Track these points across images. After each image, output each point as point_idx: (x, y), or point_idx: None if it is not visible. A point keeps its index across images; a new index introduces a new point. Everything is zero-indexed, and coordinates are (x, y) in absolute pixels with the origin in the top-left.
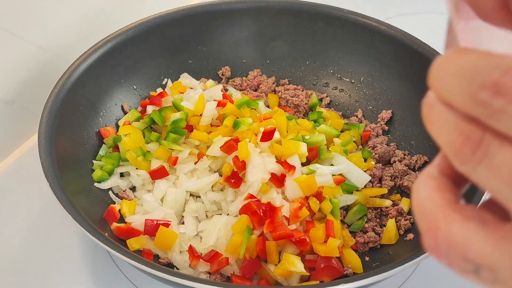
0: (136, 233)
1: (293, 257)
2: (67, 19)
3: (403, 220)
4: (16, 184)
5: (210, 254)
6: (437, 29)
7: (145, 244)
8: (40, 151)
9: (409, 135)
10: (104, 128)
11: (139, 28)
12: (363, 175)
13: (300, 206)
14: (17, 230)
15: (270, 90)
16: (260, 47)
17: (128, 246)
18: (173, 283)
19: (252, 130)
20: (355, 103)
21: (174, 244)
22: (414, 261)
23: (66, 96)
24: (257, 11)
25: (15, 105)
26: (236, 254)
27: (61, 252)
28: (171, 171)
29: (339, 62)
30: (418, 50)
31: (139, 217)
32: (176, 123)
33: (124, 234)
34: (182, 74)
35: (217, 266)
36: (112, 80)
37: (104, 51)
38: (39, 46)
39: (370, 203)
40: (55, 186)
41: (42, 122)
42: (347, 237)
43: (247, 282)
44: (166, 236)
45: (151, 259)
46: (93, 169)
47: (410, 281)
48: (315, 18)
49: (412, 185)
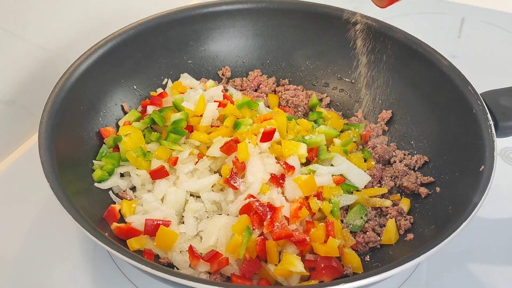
0: (136, 233)
1: (293, 257)
2: (67, 19)
3: (403, 220)
4: (16, 184)
5: (210, 254)
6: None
7: (145, 244)
8: (40, 151)
9: (409, 135)
10: (105, 128)
11: (139, 28)
12: (363, 175)
13: (300, 206)
14: (17, 230)
15: (270, 90)
16: (260, 47)
17: (128, 246)
18: (173, 283)
19: (252, 130)
20: (355, 103)
21: (174, 244)
22: (414, 261)
23: (66, 96)
24: (257, 11)
25: (15, 105)
26: (236, 254)
27: (61, 252)
28: (171, 171)
29: (339, 63)
30: (418, 50)
31: (139, 217)
32: (176, 123)
33: (124, 234)
34: (182, 74)
35: (217, 266)
36: (112, 80)
37: (104, 51)
38: (39, 46)
39: (370, 203)
40: (55, 186)
41: (42, 122)
42: (347, 237)
43: (247, 282)
44: (166, 236)
45: (151, 259)
46: (93, 169)
47: (410, 281)
48: (315, 18)
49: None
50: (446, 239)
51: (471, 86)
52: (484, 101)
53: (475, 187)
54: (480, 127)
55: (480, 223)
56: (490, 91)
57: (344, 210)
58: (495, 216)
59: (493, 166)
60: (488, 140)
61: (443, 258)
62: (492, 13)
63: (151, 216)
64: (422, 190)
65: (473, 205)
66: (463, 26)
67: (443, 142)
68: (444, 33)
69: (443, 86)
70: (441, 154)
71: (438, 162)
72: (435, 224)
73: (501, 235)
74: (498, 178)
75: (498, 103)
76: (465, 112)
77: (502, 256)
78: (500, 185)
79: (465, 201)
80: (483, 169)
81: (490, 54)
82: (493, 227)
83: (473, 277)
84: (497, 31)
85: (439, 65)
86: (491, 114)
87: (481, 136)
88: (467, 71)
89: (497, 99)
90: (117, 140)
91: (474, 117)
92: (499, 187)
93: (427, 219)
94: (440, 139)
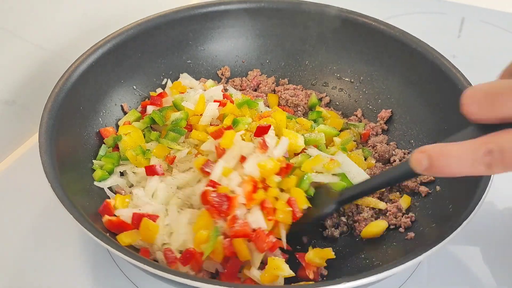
0: (126, 227)
1: (278, 261)
2: (67, 19)
3: (404, 218)
4: (16, 184)
5: (186, 255)
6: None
7: (136, 239)
8: (41, 151)
9: (408, 134)
10: (104, 128)
11: (139, 28)
12: (362, 173)
13: (253, 186)
14: (17, 230)
15: (270, 90)
16: (260, 47)
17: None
18: (175, 282)
19: (250, 129)
20: (354, 102)
21: (156, 236)
22: (414, 261)
23: (66, 96)
24: (257, 11)
25: (15, 105)
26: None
27: (61, 252)
28: (169, 169)
29: (338, 62)
30: (417, 49)
31: (127, 210)
32: (176, 122)
33: (115, 227)
34: (182, 74)
35: (196, 265)
36: (112, 80)
37: (104, 51)
38: (39, 46)
39: (365, 203)
40: (56, 186)
41: (42, 122)
42: None
43: (236, 280)
44: (148, 227)
45: (147, 256)
46: (94, 169)
47: (410, 281)
48: (314, 18)
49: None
50: (447, 238)
51: (471, 85)
52: None
53: (475, 185)
54: None
55: (481, 222)
56: None
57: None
58: (495, 215)
59: None
60: None
61: (443, 257)
62: (492, 13)
63: (140, 211)
64: (422, 189)
65: (474, 204)
66: (463, 26)
67: (443, 141)
68: (444, 33)
69: (443, 85)
70: None
71: None
72: (435, 223)
73: (501, 235)
74: (498, 178)
75: None
76: None
77: (502, 256)
78: (500, 185)
79: (465, 200)
80: None
81: (490, 54)
82: (493, 227)
83: (474, 277)
84: (497, 31)
85: (439, 65)
86: None
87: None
88: (467, 71)
89: None
90: (117, 139)
91: None
92: (499, 187)
93: (427, 218)
94: (440, 138)
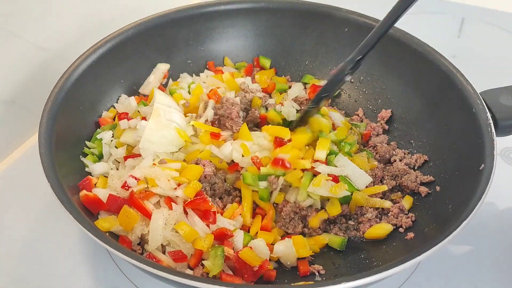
0: (101, 205)
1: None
2: (67, 19)
3: (405, 218)
4: (16, 184)
5: (175, 256)
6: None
7: (114, 224)
8: (40, 151)
9: (408, 134)
10: (103, 118)
11: (139, 28)
12: (365, 176)
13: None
14: (17, 230)
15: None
16: (260, 46)
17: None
18: (175, 282)
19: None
20: (354, 102)
21: (135, 226)
22: (414, 261)
23: (66, 96)
24: (257, 11)
25: (15, 105)
26: (200, 246)
27: (61, 251)
28: None
29: (338, 62)
30: (417, 49)
31: (104, 191)
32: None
33: (90, 203)
34: (182, 74)
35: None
36: (112, 80)
37: (104, 51)
38: (39, 46)
39: (370, 203)
40: (55, 185)
41: (42, 122)
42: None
43: (236, 280)
44: (127, 215)
45: (129, 246)
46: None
47: (410, 281)
48: (314, 18)
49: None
50: (446, 238)
51: (471, 85)
52: (484, 100)
53: (475, 185)
54: (480, 126)
55: (481, 222)
56: (490, 90)
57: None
58: (496, 215)
59: (493, 164)
60: (488, 139)
61: (443, 257)
62: (492, 13)
63: (117, 193)
64: (422, 189)
65: (473, 204)
66: (463, 26)
67: (443, 141)
68: (444, 33)
69: (443, 85)
70: (441, 153)
71: (438, 161)
72: (435, 223)
73: (501, 235)
74: (498, 178)
75: (498, 102)
76: (465, 111)
77: (502, 256)
78: (500, 185)
79: (465, 200)
80: (483, 168)
81: (490, 54)
82: (493, 227)
83: (474, 277)
84: (497, 31)
85: (439, 65)
86: (491, 113)
87: (481, 135)
88: (467, 71)
89: (497, 98)
90: (113, 127)
91: (474, 116)
92: (499, 187)
93: (427, 218)
94: (439, 138)
